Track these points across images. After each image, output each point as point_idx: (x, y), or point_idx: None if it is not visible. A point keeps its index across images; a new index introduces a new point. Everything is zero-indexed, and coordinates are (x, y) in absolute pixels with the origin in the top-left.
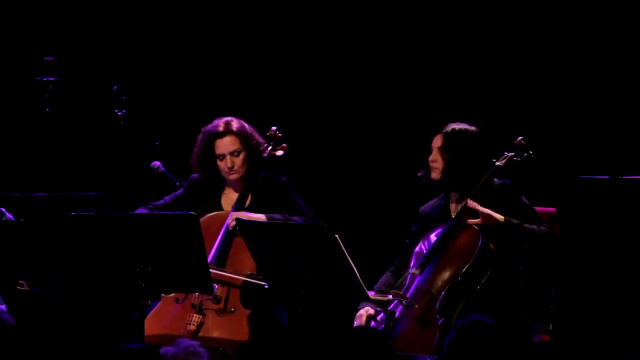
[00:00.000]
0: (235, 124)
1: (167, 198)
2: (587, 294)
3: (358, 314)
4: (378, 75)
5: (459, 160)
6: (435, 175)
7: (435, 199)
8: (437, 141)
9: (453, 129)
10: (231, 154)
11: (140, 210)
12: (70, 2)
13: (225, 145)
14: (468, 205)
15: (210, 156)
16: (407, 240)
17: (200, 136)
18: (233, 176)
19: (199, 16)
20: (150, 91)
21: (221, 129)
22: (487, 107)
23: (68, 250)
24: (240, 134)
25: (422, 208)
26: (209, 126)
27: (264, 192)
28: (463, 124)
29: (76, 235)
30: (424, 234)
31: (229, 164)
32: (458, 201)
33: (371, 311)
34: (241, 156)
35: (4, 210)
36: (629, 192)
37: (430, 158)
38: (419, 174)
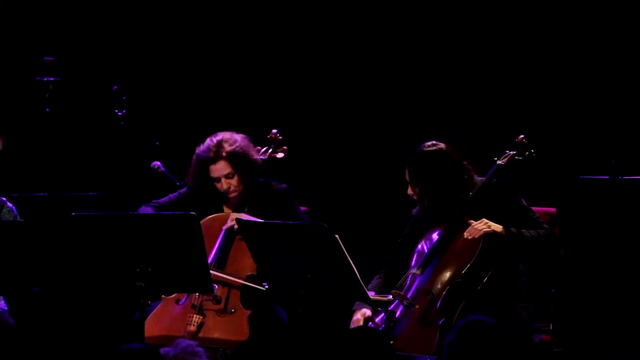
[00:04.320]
0: (227, 146)
1: (172, 195)
2: (587, 294)
3: (354, 318)
4: (377, 77)
5: (430, 188)
6: (421, 206)
7: None
8: (407, 175)
9: (411, 160)
10: (225, 176)
11: (144, 209)
12: (70, 2)
13: (218, 170)
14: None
15: (206, 177)
16: (399, 240)
17: (194, 158)
18: (232, 195)
19: (199, 17)
20: (151, 92)
21: (212, 154)
22: (487, 106)
23: (68, 250)
24: (232, 157)
25: (414, 210)
26: (201, 149)
27: (262, 198)
28: (424, 146)
29: (77, 235)
30: (417, 236)
31: (225, 187)
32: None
33: (368, 314)
34: (236, 177)
35: (5, 199)
36: (629, 192)
37: (408, 192)
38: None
